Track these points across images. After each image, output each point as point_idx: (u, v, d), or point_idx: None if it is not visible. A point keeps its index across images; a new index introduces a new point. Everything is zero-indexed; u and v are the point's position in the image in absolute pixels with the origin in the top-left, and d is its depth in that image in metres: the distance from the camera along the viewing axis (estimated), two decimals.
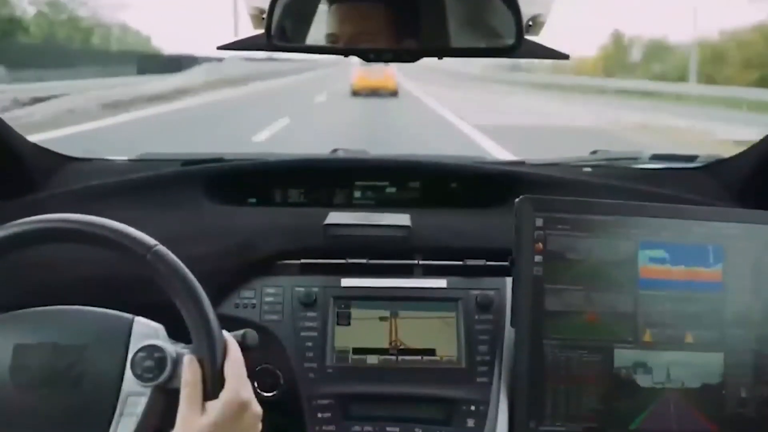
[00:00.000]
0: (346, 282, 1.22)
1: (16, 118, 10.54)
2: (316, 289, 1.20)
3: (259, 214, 1.36)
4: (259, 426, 0.88)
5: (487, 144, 9.92)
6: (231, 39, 1.03)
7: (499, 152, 8.77)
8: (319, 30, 1.05)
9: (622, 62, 39.55)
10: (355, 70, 21.42)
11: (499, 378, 1.15)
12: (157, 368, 0.88)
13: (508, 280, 1.18)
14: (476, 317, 1.19)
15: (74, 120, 12.01)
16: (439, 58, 1.06)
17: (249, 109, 15.31)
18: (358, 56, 1.06)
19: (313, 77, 34.52)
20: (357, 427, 1.14)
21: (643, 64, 37.19)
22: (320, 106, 17.18)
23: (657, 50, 37.29)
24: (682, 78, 26.79)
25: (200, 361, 0.85)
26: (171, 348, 0.89)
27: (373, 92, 20.57)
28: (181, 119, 13.52)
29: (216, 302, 1.03)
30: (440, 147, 9.10)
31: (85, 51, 30.14)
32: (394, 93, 21.29)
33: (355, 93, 20.83)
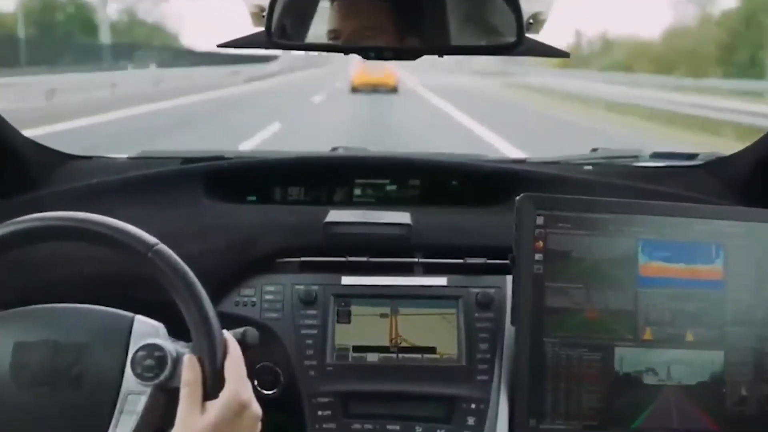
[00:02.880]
0: (346, 280, 1.22)
1: None
2: (316, 287, 1.20)
3: (259, 211, 1.35)
4: (259, 426, 0.88)
5: None
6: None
7: None
8: (319, 28, 1.05)
9: None
10: (354, 67, 21.34)
11: (500, 376, 1.15)
12: (157, 367, 0.87)
13: (509, 278, 1.18)
14: (476, 315, 1.19)
15: None
16: (440, 56, 1.06)
17: None
18: (359, 54, 1.06)
19: (288, 82, 29.86)
20: (357, 425, 1.14)
21: None
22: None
23: None
24: None
25: (200, 360, 0.85)
26: (171, 347, 0.89)
27: (373, 89, 20.54)
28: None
29: (216, 300, 1.03)
30: None
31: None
32: (393, 89, 21.24)
33: (355, 89, 20.78)
